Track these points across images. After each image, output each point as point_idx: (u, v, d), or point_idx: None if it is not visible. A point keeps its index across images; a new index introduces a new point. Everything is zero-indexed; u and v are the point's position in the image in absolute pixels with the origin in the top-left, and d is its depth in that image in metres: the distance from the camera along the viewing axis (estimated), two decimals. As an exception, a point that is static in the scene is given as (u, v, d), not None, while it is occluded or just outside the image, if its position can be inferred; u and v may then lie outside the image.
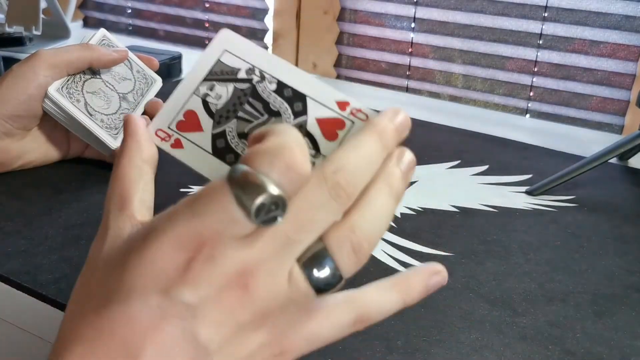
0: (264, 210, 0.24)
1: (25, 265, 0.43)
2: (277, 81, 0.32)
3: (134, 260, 0.25)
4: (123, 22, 1.26)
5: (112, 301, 0.24)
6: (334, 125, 0.31)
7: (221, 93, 0.32)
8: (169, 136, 0.32)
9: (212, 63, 0.32)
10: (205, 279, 0.24)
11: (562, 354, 0.37)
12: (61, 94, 0.51)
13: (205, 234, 0.24)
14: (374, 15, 0.98)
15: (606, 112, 0.86)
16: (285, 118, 0.31)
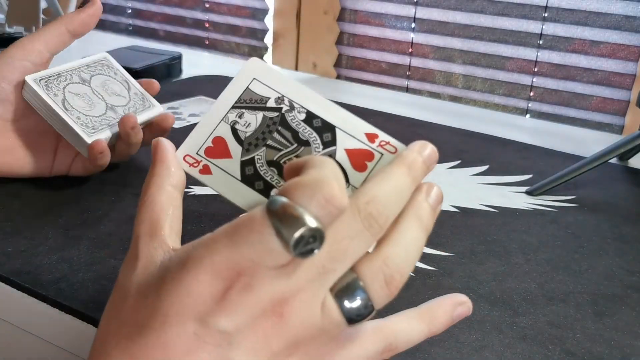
0: (303, 242, 0.24)
1: (26, 266, 0.43)
2: (306, 111, 0.32)
3: (169, 287, 0.25)
4: (123, 22, 1.26)
5: (146, 328, 0.25)
6: (363, 156, 0.31)
7: (250, 121, 0.33)
8: (197, 162, 0.32)
9: (241, 91, 0.33)
10: (241, 307, 0.24)
11: (562, 354, 0.37)
12: (38, 84, 0.49)
13: (243, 264, 0.24)
14: (374, 15, 0.98)
15: (606, 112, 0.86)
16: (314, 148, 0.32)
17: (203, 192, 0.55)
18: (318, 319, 0.26)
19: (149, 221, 0.28)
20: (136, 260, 0.27)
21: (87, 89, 0.52)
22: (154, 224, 0.28)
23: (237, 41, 1.15)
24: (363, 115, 0.34)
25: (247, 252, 0.24)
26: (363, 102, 0.80)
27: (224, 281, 0.24)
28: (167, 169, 0.30)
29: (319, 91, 0.34)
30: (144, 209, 0.29)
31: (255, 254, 0.24)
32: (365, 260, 0.27)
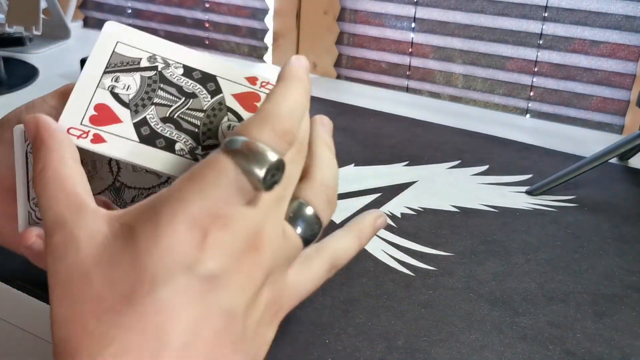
0: (269, 175, 0.25)
1: (25, 266, 0.43)
2: (182, 65, 0.33)
3: (147, 248, 0.25)
4: (123, 22, 1.26)
5: (133, 295, 0.24)
6: (251, 99, 0.33)
7: (129, 83, 0.32)
8: (85, 132, 0.31)
9: (108, 56, 0.32)
10: (222, 247, 0.25)
11: (562, 354, 0.37)
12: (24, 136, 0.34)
13: (217, 206, 0.25)
14: (374, 15, 0.98)
15: (606, 112, 0.86)
16: (202, 98, 0.32)
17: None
18: (283, 246, 0.27)
19: (65, 198, 0.26)
20: (73, 240, 0.26)
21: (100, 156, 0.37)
22: (73, 197, 0.27)
23: (237, 41, 1.15)
24: (363, 115, 0.33)
25: (218, 195, 0.25)
26: (363, 102, 0.80)
27: (202, 228, 0.25)
28: (60, 142, 0.28)
29: (319, 91, 0.34)
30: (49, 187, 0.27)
31: (226, 195, 0.25)
32: (305, 186, 0.29)
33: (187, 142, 0.32)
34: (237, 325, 0.25)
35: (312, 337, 0.37)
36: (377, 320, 0.39)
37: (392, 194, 0.56)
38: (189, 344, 0.24)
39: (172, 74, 0.33)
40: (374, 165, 0.62)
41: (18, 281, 0.42)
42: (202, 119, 0.33)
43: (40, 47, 0.96)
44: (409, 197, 0.56)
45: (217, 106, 0.33)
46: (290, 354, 0.36)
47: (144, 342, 0.23)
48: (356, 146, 0.66)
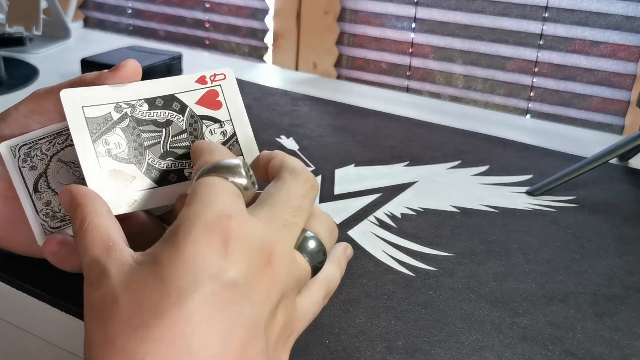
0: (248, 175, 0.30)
1: (26, 266, 0.43)
2: (143, 100, 0.35)
3: (171, 264, 0.26)
4: (123, 22, 1.26)
5: (161, 308, 0.25)
6: (210, 97, 0.36)
7: (117, 140, 0.34)
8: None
9: (84, 125, 0.33)
10: (242, 254, 0.27)
11: (562, 355, 0.37)
12: (12, 153, 0.37)
13: (226, 211, 0.27)
14: (374, 15, 0.98)
15: (606, 113, 0.86)
16: (176, 120, 0.35)
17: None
18: (295, 269, 0.30)
19: (100, 241, 0.29)
20: (104, 273, 0.28)
21: None
22: (106, 240, 0.29)
23: (237, 41, 1.15)
24: (363, 115, 0.34)
25: (221, 201, 0.28)
26: (363, 102, 0.80)
27: (219, 234, 0.26)
28: (93, 199, 0.31)
29: (319, 91, 0.34)
30: (87, 236, 0.30)
31: (228, 201, 0.28)
32: (312, 220, 0.33)
33: (190, 164, 0.35)
34: (261, 340, 0.27)
35: (312, 337, 0.37)
36: (377, 321, 0.39)
37: (392, 194, 0.56)
38: (218, 355, 0.25)
39: (142, 113, 0.35)
40: (374, 165, 0.62)
41: (18, 281, 0.42)
42: (187, 138, 0.35)
43: (40, 47, 0.96)
44: (409, 197, 0.56)
45: (191, 120, 0.36)
46: (291, 354, 0.36)
47: (175, 352, 0.24)
48: (356, 146, 0.66)
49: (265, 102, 0.78)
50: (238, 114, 0.37)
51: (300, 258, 0.31)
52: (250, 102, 0.40)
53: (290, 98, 0.80)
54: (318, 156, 0.63)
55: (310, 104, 0.78)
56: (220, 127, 0.36)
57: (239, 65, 0.98)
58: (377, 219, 0.52)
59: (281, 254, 0.29)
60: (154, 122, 0.35)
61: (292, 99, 0.80)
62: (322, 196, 0.55)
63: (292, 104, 0.78)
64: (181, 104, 0.35)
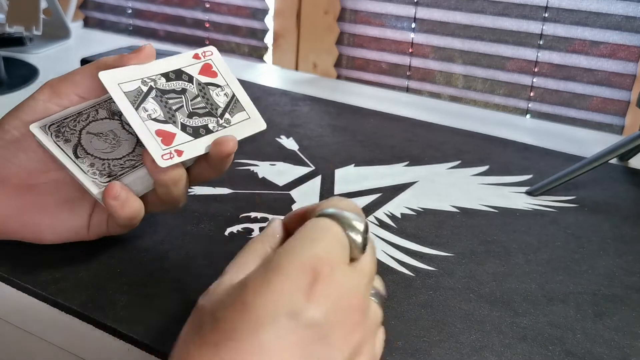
0: (364, 235, 0.30)
1: (25, 266, 0.43)
2: (160, 75, 0.42)
3: (257, 291, 0.27)
4: (123, 22, 1.26)
5: (237, 332, 0.26)
6: (207, 69, 0.44)
7: (152, 107, 0.40)
8: (169, 153, 0.39)
9: (124, 98, 0.40)
10: (328, 298, 0.27)
11: (562, 355, 0.37)
12: (44, 131, 0.41)
13: (326, 257, 0.28)
14: (374, 15, 0.98)
15: (606, 113, 0.86)
16: (189, 88, 0.42)
17: (203, 192, 0.55)
18: (374, 317, 0.31)
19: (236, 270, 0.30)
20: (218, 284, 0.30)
21: (114, 125, 0.43)
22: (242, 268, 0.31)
23: (237, 41, 1.15)
24: (363, 115, 0.34)
25: (325, 246, 0.28)
26: (363, 102, 0.80)
27: (310, 275, 0.27)
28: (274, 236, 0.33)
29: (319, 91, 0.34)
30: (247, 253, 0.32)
31: (332, 248, 0.29)
32: None
33: (211, 120, 0.42)
34: None
35: (312, 337, 0.37)
36: (377, 321, 0.39)
37: (392, 194, 0.56)
38: None
39: (162, 84, 0.42)
40: (374, 166, 0.62)
41: (18, 281, 0.42)
42: (202, 100, 0.43)
43: (40, 47, 0.96)
44: (409, 197, 0.56)
45: (200, 87, 0.43)
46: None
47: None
48: (356, 146, 0.66)
49: (265, 102, 0.78)
50: (231, 80, 0.45)
51: (374, 306, 0.31)
52: (250, 102, 0.41)
53: (290, 98, 0.80)
54: (318, 156, 0.63)
55: (310, 104, 0.78)
56: (222, 90, 0.44)
57: (239, 65, 0.98)
58: (377, 219, 0.52)
59: (363, 303, 0.29)
60: (173, 91, 0.42)
61: (292, 99, 0.80)
62: (322, 196, 0.55)
63: (292, 104, 0.78)
64: (188, 76, 0.43)
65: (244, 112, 0.44)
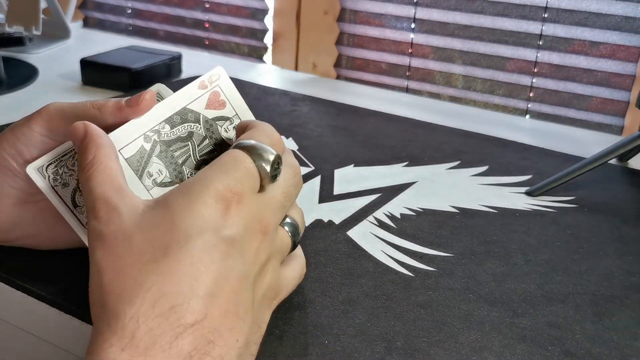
0: (274, 167, 0.34)
1: (26, 266, 0.43)
2: (163, 122, 0.37)
3: (182, 214, 0.30)
4: (123, 22, 1.26)
5: (170, 247, 0.29)
6: (214, 99, 0.39)
7: (157, 168, 0.37)
8: None
9: (127, 166, 0.36)
10: (239, 218, 0.32)
11: (561, 355, 0.37)
12: (41, 173, 0.38)
13: (236, 187, 0.32)
14: (374, 15, 0.99)
15: (606, 113, 0.86)
16: (196, 130, 0.38)
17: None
18: (280, 240, 0.35)
19: (111, 183, 0.32)
20: (116, 212, 0.31)
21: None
22: (117, 183, 0.32)
23: (237, 41, 1.15)
24: (363, 115, 0.34)
25: (237, 176, 0.32)
26: (363, 102, 0.80)
27: (224, 201, 0.31)
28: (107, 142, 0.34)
29: (319, 91, 0.35)
30: (99, 174, 0.32)
31: (242, 178, 0.33)
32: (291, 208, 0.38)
33: None
34: (248, 292, 0.31)
35: (311, 337, 0.37)
36: (377, 321, 0.39)
37: (391, 194, 0.56)
38: (213, 295, 0.29)
39: (166, 134, 0.37)
40: (374, 166, 0.62)
41: (18, 281, 0.42)
42: (210, 142, 0.39)
43: (40, 47, 0.96)
44: (408, 197, 0.56)
45: (207, 125, 0.39)
46: (290, 354, 0.36)
47: (179, 287, 0.28)
48: (356, 146, 0.66)
49: (265, 103, 0.78)
50: (241, 108, 0.40)
51: (283, 232, 0.36)
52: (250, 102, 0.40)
53: (290, 98, 0.80)
54: (318, 156, 0.63)
55: (310, 104, 0.78)
56: (230, 123, 0.40)
57: (239, 65, 0.98)
58: (376, 219, 0.52)
59: (272, 227, 0.34)
60: (178, 138, 0.38)
61: (292, 99, 0.80)
62: (322, 196, 0.55)
63: (291, 104, 0.78)
64: (194, 114, 0.38)
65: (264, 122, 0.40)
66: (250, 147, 0.34)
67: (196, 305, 0.28)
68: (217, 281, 0.29)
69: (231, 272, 0.30)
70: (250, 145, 0.34)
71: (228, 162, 0.33)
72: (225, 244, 0.30)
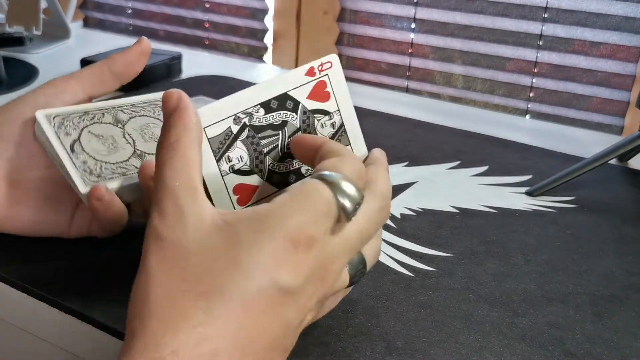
0: (355, 206, 0.30)
1: (26, 266, 0.43)
2: (259, 105, 0.34)
3: (247, 250, 0.28)
4: (123, 22, 1.26)
5: (227, 287, 0.27)
6: (320, 89, 0.35)
7: (239, 154, 0.34)
8: None
9: (207, 146, 0.33)
10: (305, 269, 0.29)
11: (561, 355, 0.37)
12: (48, 120, 0.41)
13: (309, 229, 0.29)
14: (374, 15, 0.99)
15: (606, 113, 0.86)
16: (291, 120, 0.35)
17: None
18: (339, 284, 0.32)
19: (185, 177, 0.29)
20: (182, 217, 0.28)
21: (115, 131, 0.43)
22: (191, 180, 0.30)
23: (237, 41, 1.15)
24: (363, 115, 0.34)
25: (313, 217, 0.29)
26: (363, 102, 0.80)
27: (293, 242, 0.28)
28: (196, 126, 0.31)
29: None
30: (177, 161, 0.30)
31: (319, 216, 0.29)
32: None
33: None
34: (289, 338, 0.30)
35: (311, 337, 0.37)
36: (377, 321, 0.39)
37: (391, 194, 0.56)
38: (253, 343, 0.28)
39: (258, 119, 0.34)
40: (374, 166, 0.62)
41: (18, 281, 0.42)
42: None
43: (40, 47, 0.96)
44: (408, 197, 0.56)
45: (304, 117, 0.35)
46: (289, 354, 0.36)
47: (224, 334, 0.27)
48: (356, 147, 0.66)
49: (265, 103, 0.78)
50: (345, 103, 0.36)
51: (345, 275, 0.33)
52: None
53: (290, 98, 0.80)
54: (318, 156, 0.63)
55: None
56: (329, 119, 0.36)
57: (239, 65, 0.99)
58: (376, 220, 0.52)
59: (335, 272, 0.31)
60: (270, 126, 0.35)
61: (292, 99, 0.80)
62: (322, 196, 0.55)
63: (291, 104, 0.78)
64: (294, 102, 0.35)
65: (348, 147, 0.37)
66: (336, 183, 0.30)
67: (233, 353, 0.27)
68: (262, 330, 0.28)
69: (277, 322, 0.28)
70: (336, 182, 0.30)
71: (308, 196, 0.30)
72: (281, 295, 0.28)
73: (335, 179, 0.30)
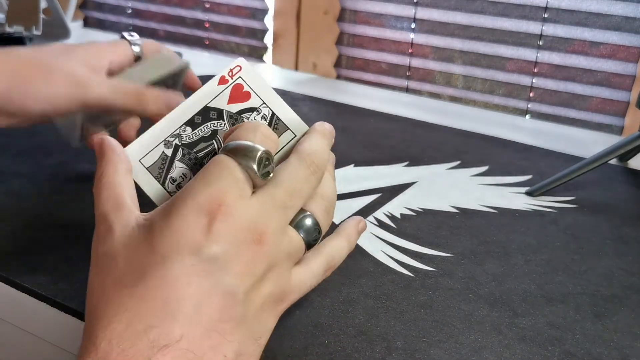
0: (262, 165, 0.31)
1: (25, 265, 0.43)
2: (184, 125, 0.36)
3: (161, 233, 0.29)
4: (123, 22, 1.26)
5: (147, 271, 0.28)
6: (237, 92, 0.37)
7: (181, 172, 0.36)
8: None
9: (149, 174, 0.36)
10: (226, 233, 0.29)
11: (561, 355, 0.37)
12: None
13: (220, 196, 0.30)
14: (374, 15, 0.98)
15: (606, 113, 0.86)
16: (221, 127, 0.37)
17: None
18: (286, 245, 0.32)
19: (113, 199, 0.32)
20: (111, 231, 0.31)
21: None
22: (117, 199, 0.32)
23: (237, 41, 1.15)
24: (363, 115, 0.34)
25: (221, 185, 0.30)
26: (363, 102, 0.80)
27: (208, 215, 0.29)
28: (118, 156, 0.34)
29: (319, 91, 0.34)
30: (103, 190, 0.32)
31: (228, 185, 0.30)
32: (311, 199, 0.35)
33: None
34: (237, 307, 0.29)
35: (311, 337, 0.37)
36: (377, 321, 0.39)
37: (391, 194, 0.56)
38: (191, 315, 0.28)
39: (188, 137, 0.36)
40: (374, 166, 0.62)
41: (18, 281, 0.42)
42: None
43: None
44: (408, 197, 0.56)
45: (232, 120, 0.37)
46: (289, 354, 0.36)
47: (154, 310, 0.28)
48: (356, 146, 0.66)
49: (265, 102, 0.78)
50: (268, 95, 0.38)
51: (294, 234, 0.33)
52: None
53: (290, 98, 0.80)
54: (318, 156, 0.63)
55: (310, 104, 0.78)
56: (258, 113, 0.37)
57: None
58: (376, 219, 0.52)
59: (272, 233, 0.31)
60: (201, 139, 0.37)
61: (292, 99, 0.80)
62: (322, 196, 0.55)
63: (291, 104, 0.78)
64: (217, 111, 0.37)
65: (288, 132, 0.38)
66: (234, 149, 0.32)
67: (170, 326, 0.27)
68: (197, 302, 0.28)
69: (213, 291, 0.29)
70: (234, 147, 0.32)
71: (211, 170, 0.31)
72: (205, 264, 0.29)
73: (233, 145, 0.32)
